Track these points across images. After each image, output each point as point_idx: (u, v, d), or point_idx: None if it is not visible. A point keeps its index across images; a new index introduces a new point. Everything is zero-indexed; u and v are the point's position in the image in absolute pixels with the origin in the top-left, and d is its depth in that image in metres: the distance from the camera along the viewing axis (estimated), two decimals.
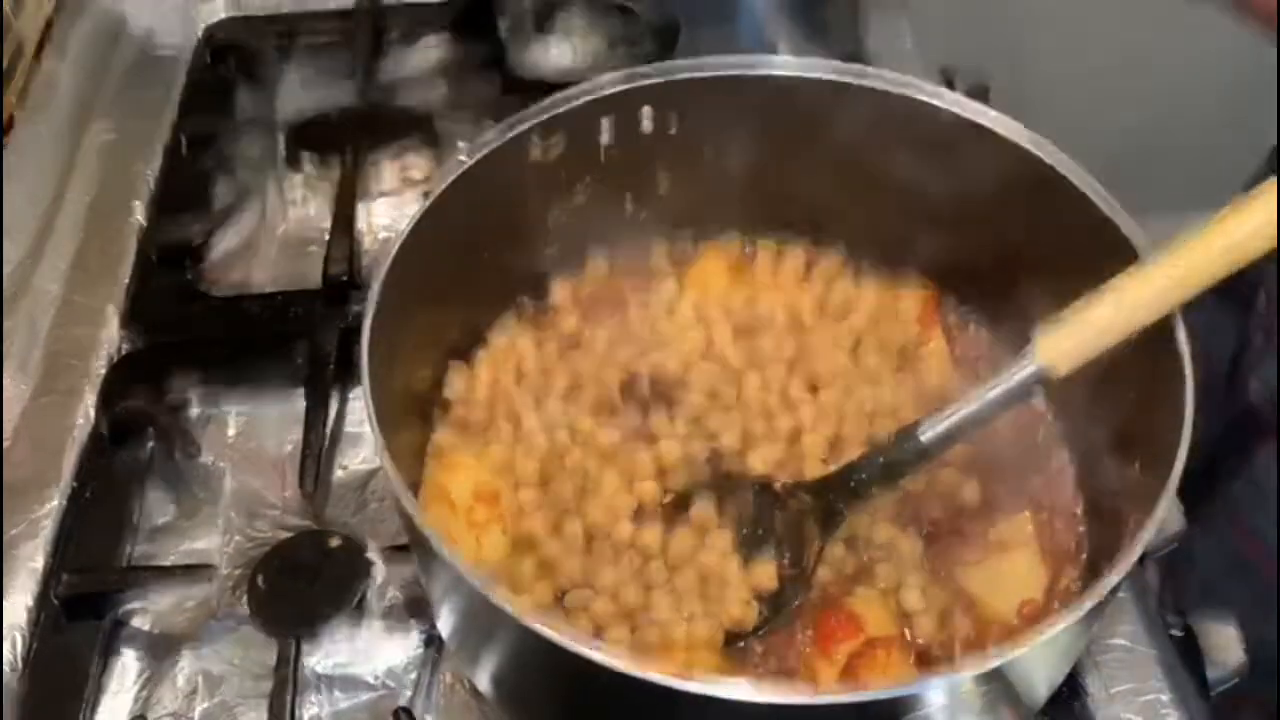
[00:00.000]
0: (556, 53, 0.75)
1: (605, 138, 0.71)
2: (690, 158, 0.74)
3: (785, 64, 0.72)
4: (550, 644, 0.49)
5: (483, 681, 0.61)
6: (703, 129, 0.73)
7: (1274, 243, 0.57)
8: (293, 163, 0.98)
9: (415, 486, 0.66)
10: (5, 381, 0.81)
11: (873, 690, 0.52)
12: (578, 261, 0.77)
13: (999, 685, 0.53)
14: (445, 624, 0.62)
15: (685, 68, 0.71)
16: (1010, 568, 0.64)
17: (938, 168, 0.70)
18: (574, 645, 0.49)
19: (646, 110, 0.71)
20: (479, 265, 0.72)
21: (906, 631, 0.63)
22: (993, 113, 0.67)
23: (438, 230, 0.65)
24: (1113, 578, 0.52)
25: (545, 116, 0.69)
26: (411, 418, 0.69)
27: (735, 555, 0.65)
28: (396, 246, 0.63)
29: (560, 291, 0.76)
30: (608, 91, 0.70)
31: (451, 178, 0.66)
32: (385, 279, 0.61)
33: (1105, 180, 0.64)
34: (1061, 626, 0.51)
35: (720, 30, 0.89)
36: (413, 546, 0.63)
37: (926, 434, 0.62)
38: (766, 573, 0.64)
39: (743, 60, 0.71)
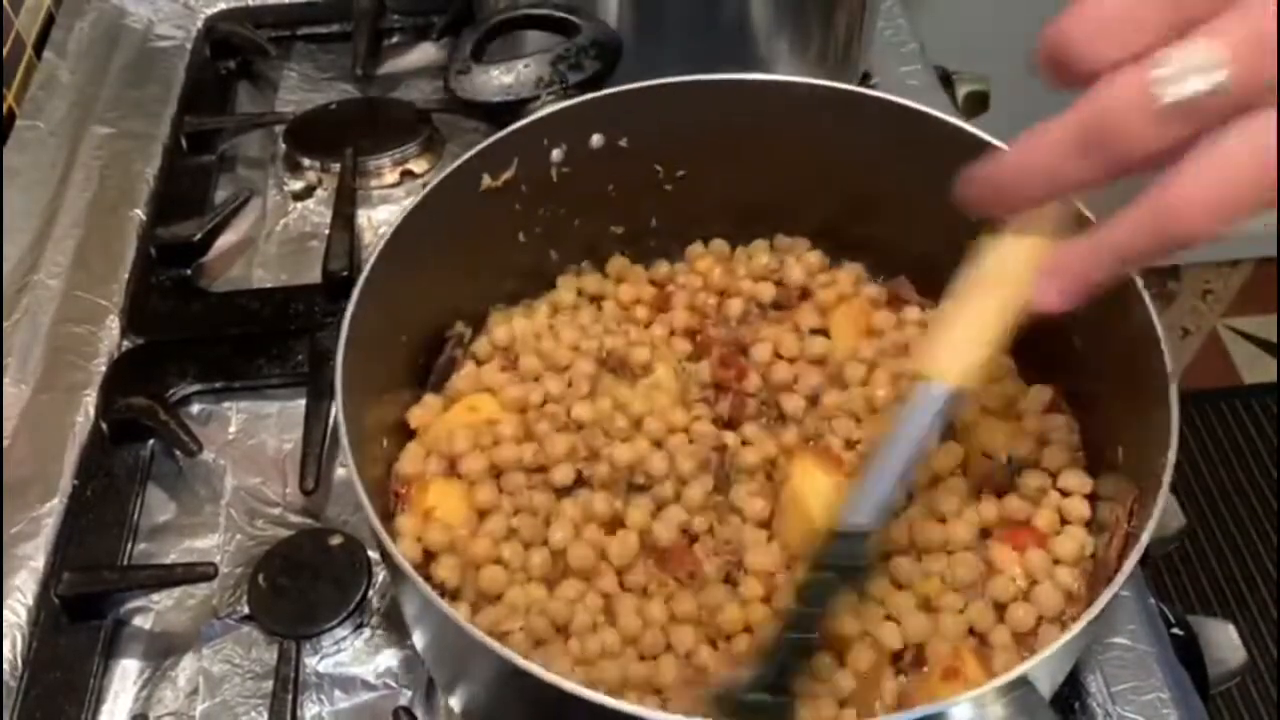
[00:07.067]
0: (500, 77, 0.74)
1: (596, 146, 0.71)
2: (690, 159, 0.74)
3: (775, 76, 0.72)
4: (528, 676, 0.48)
5: (458, 707, 0.62)
6: (692, 138, 0.72)
7: None
8: (292, 159, 0.98)
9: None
10: (5, 380, 0.81)
11: None
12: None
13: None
14: (419, 643, 0.62)
15: (668, 80, 0.70)
16: None
17: (934, 176, 0.70)
18: (549, 677, 0.48)
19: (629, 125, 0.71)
20: (469, 267, 0.72)
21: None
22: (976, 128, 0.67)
23: (424, 232, 0.65)
24: (1115, 580, 0.52)
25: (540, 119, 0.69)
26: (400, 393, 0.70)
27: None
28: (382, 244, 0.63)
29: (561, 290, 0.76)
30: (565, 106, 0.70)
31: (441, 177, 0.66)
32: (365, 282, 0.62)
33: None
34: (1064, 641, 0.50)
35: (707, 41, 0.88)
36: (388, 570, 0.63)
37: (855, 518, 0.54)
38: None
39: (734, 74, 0.71)
